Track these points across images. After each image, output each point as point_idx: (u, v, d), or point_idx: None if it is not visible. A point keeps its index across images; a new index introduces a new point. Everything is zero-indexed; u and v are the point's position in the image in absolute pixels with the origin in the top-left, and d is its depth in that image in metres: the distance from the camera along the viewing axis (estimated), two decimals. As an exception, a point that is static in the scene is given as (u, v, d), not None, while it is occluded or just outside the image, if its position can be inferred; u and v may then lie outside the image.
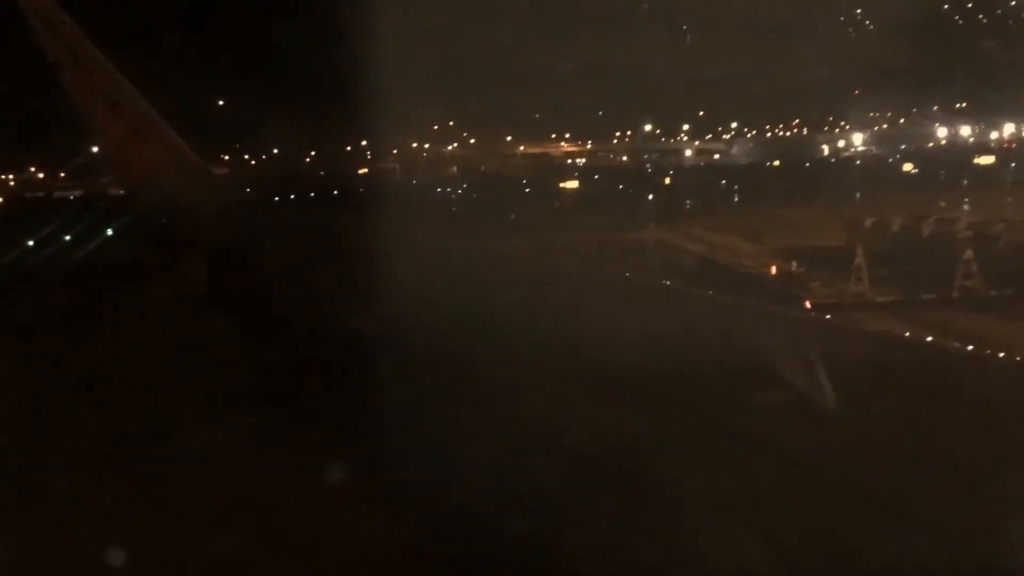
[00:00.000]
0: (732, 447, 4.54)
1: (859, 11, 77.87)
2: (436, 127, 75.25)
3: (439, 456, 5.27)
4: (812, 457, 4.19)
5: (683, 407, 5.05)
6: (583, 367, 5.78)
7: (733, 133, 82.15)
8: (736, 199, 51.66)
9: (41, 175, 60.90)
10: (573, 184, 61.30)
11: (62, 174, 58.91)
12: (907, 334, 12.73)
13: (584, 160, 77.83)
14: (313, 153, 71.15)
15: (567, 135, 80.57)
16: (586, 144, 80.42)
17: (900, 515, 3.75)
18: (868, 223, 32.84)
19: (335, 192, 56.63)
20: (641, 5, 78.15)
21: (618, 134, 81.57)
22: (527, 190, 57.73)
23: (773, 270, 26.94)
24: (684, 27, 75.09)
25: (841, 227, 35.43)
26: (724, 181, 58.70)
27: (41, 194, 56.72)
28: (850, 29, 77.24)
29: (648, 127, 79.16)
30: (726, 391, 4.95)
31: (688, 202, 49.13)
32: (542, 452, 4.88)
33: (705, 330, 6.01)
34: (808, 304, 23.55)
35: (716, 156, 76.57)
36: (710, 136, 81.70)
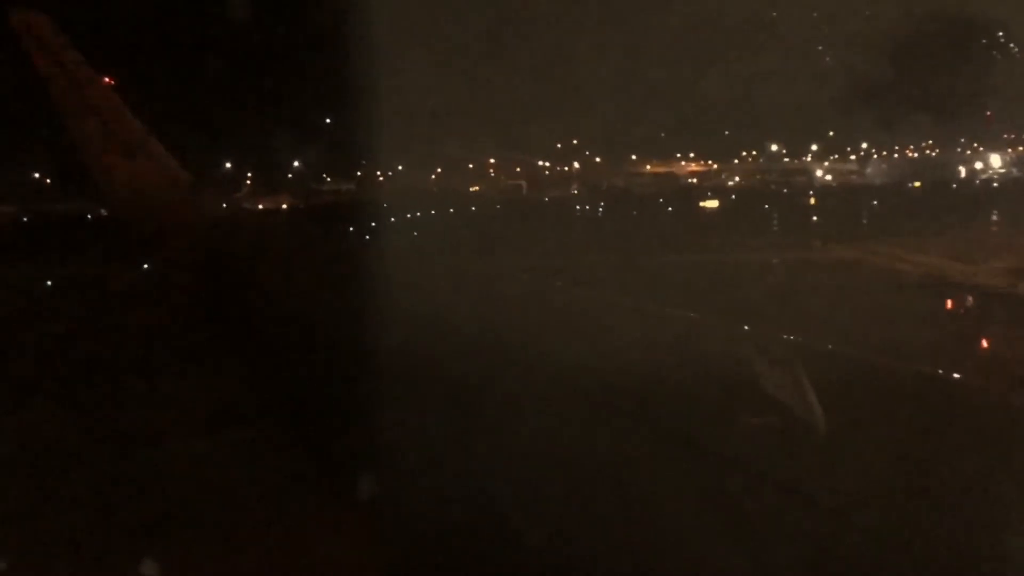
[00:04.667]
0: None
1: (1000, 33, 75.08)
2: (559, 145, 74.48)
3: None
4: None
5: None
6: None
7: (862, 153, 79.76)
8: (898, 220, 49.22)
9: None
10: (713, 203, 59.63)
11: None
12: None
13: (709, 179, 76.25)
14: (439, 170, 70.79)
15: (691, 154, 79.10)
16: (711, 163, 78.81)
17: None
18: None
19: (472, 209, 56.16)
20: (769, 27, 76.49)
21: (743, 153, 79.86)
22: (669, 209, 56.13)
23: None
24: (819, 47, 73.24)
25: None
26: (875, 202, 56.36)
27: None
28: (994, 52, 74.49)
29: (774, 147, 77.31)
30: None
31: (851, 222, 47.03)
32: None
33: None
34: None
35: (853, 176, 74.21)
36: (836, 156, 79.51)
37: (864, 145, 79.42)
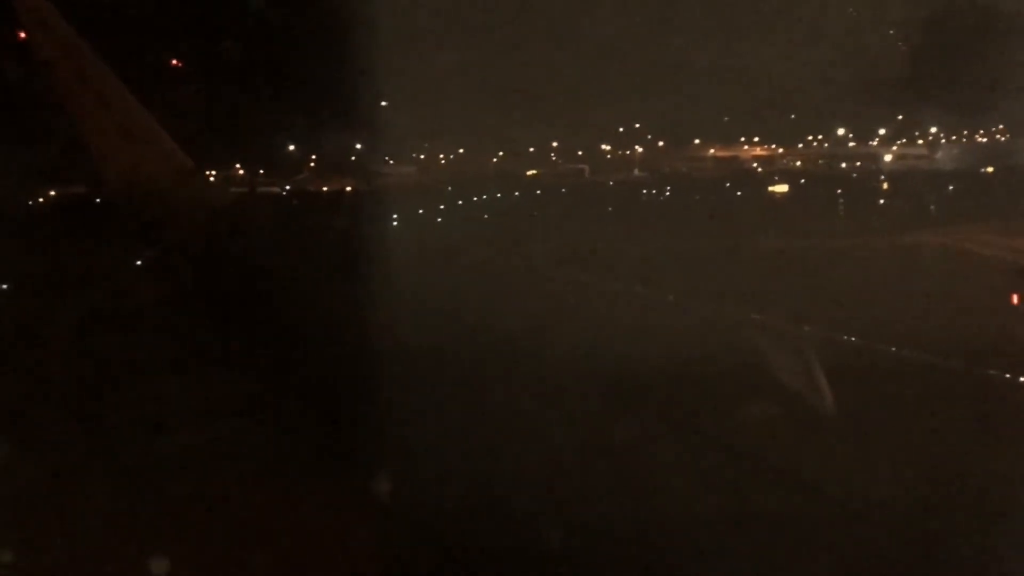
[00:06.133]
0: None
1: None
2: (621, 129, 73.55)
3: None
4: None
5: None
6: None
7: (930, 138, 77.87)
8: (975, 205, 47.94)
9: (242, 171, 61.62)
10: (782, 188, 58.69)
11: (261, 171, 59.95)
12: None
13: (771, 164, 75.04)
14: (501, 153, 70.38)
15: (756, 138, 77.79)
16: (776, 148, 77.50)
17: None
18: None
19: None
20: (837, 9, 74.68)
21: (809, 138, 78.37)
22: (738, 194, 55.33)
23: None
24: (891, 32, 71.30)
25: None
26: (951, 187, 55.06)
27: (245, 189, 57.40)
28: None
29: (841, 131, 75.77)
30: None
31: (928, 208, 46.07)
32: None
33: None
34: None
35: (922, 161, 72.64)
36: (903, 141, 77.72)
37: (933, 130, 77.57)
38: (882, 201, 50.70)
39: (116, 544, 6.44)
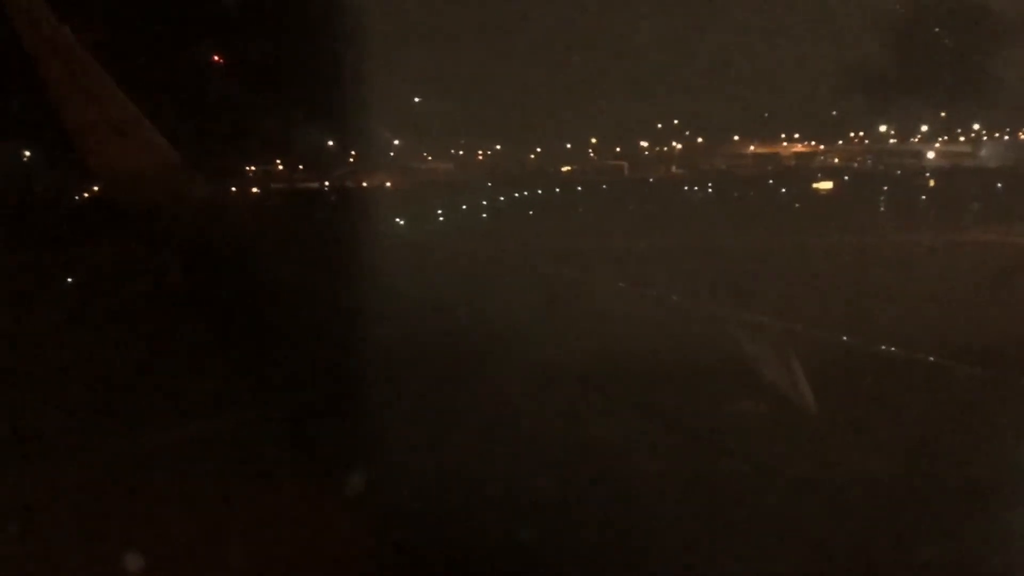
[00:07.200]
0: None
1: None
2: (660, 125, 73.03)
3: None
4: None
5: None
6: None
7: (973, 135, 76.71)
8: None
9: (281, 167, 61.69)
10: (827, 185, 58.14)
11: (300, 167, 60.01)
12: None
13: (810, 161, 74.20)
14: (539, 150, 70.06)
15: (796, 135, 76.99)
16: (816, 144, 76.62)
17: None
18: None
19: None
20: (876, 5, 73.88)
21: (851, 134, 77.42)
22: (782, 191, 54.82)
23: None
24: (936, 29, 70.33)
25: None
26: (999, 184, 54.19)
27: (283, 185, 57.38)
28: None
29: (882, 127, 74.80)
30: None
31: (979, 205, 45.38)
32: None
33: None
34: None
35: (966, 158, 71.63)
36: (945, 138, 76.62)
37: (976, 127, 76.40)
38: (929, 199, 50.04)
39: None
